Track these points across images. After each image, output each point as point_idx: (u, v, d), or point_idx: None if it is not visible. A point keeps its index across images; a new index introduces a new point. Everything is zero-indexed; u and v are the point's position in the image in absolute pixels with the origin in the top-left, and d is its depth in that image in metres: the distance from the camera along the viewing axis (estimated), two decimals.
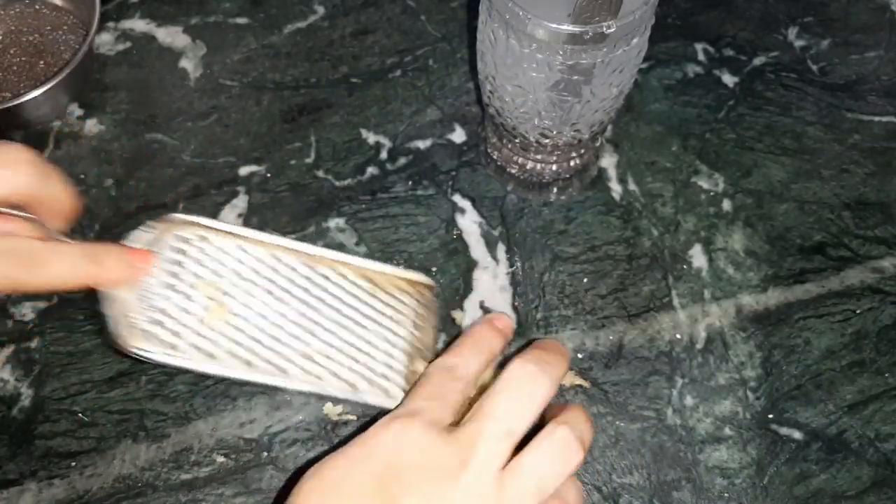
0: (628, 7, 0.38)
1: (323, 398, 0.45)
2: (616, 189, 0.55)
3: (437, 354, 0.39)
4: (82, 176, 0.54)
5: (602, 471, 0.45)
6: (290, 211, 0.53)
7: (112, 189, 0.54)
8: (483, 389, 0.36)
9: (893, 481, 0.45)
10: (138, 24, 0.62)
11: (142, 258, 0.37)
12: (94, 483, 0.44)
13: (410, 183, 0.54)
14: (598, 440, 0.45)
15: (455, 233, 0.53)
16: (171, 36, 0.61)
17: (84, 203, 0.53)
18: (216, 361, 0.37)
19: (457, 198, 0.54)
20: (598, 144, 0.53)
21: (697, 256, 0.52)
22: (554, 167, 0.52)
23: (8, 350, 0.48)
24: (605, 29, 0.37)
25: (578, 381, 0.47)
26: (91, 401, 0.46)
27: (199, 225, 0.41)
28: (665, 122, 0.58)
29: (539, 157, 0.51)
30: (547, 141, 0.47)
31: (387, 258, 0.51)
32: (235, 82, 0.59)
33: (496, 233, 0.52)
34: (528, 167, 0.52)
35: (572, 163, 0.52)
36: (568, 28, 0.37)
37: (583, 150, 0.51)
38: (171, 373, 0.47)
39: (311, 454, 0.45)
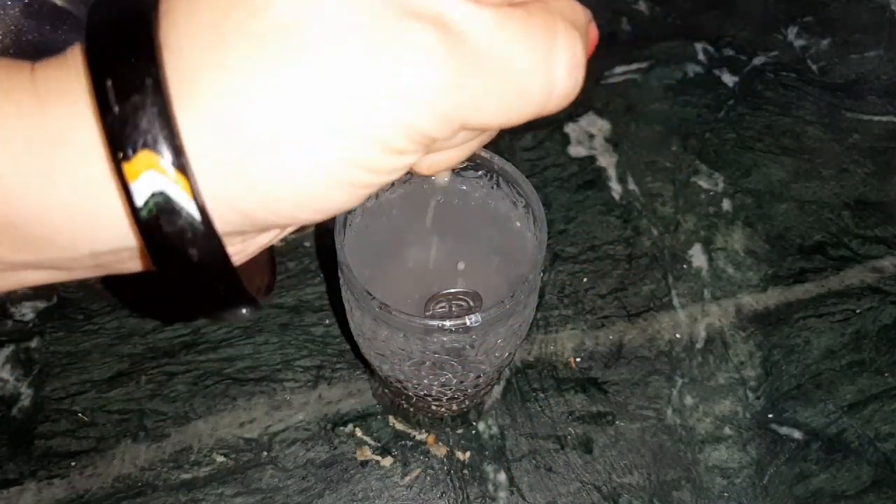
0: (496, 294, 0.33)
1: None
2: (616, 189, 0.55)
3: None
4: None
5: (602, 470, 0.45)
6: None
7: None
8: None
9: (893, 481, 0.45)
10: None
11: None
12: (94, 483, 0.44)
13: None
14: (597, 440, 0.46)
15: None
16: None
17: None
18: None
19: None
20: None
21: (697, 256, 0.52)
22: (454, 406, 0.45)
23: (7, 350, 0.48)
24: (468, 321, 0.31)
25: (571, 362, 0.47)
26: (91, 400, 0.46)
27: None
28: (665, 122, 0.58)
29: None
30: (429, 398, 0.40)
31: None
32: None
33: None
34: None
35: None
36: (422, 322, 0.31)
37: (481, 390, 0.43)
38: (171, 373, 0.47)
39: (311, 454, 0.45)
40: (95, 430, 0.45)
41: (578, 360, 0.48)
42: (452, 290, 0.35)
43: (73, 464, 0.44)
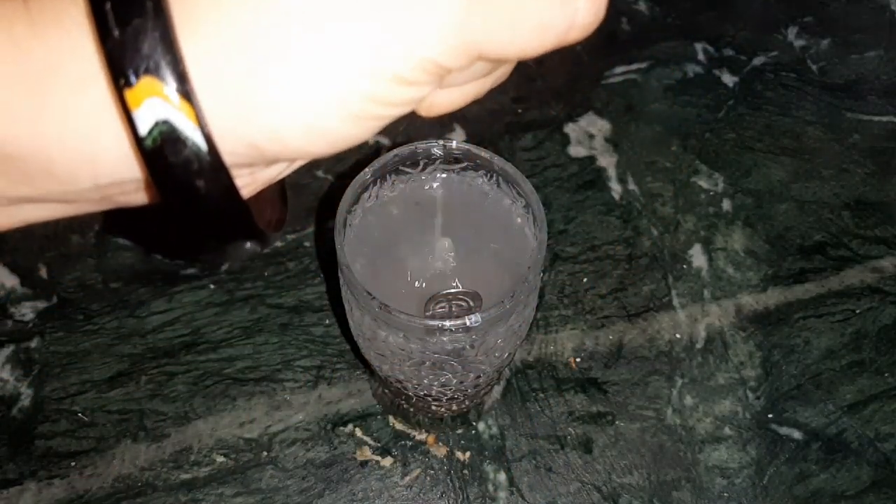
0: (497, 294, 0.33)
1: None
2: (616, 189, 0.55)
3: None
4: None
5: (602, 470, 0.45)
6: (289, 211, 0.53)
7: None
8: None
9: (893, 481, 0.45)
10: None
11: None
12: (94, 483, 0.44)
13: None
14: (597, 440, 0.45)
15: None
16: None
17: None
18: None
19: None
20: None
21: (697, 256, 0.52)
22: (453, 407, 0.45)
23: (7, 350, 0.48)
24: (468, 321, 0.31)
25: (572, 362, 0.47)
26: (91, 401, 0.46)
27: None
28: (665, 122, 0.58)
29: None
30: (429, 398, 0.40)
31: None
32: None
33: None
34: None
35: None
36: (422, 322, 0.31)
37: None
38: (171, 373, 0.47)
39: (311, 454, 0.45)
40: (95, 430, 0.45)
41: (578, 360, 0.48)
42: (452, 290, 0.35)
43: (72, 464, 0.44)
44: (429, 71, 0.18)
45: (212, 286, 0.50)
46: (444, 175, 0.37)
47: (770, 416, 0.46)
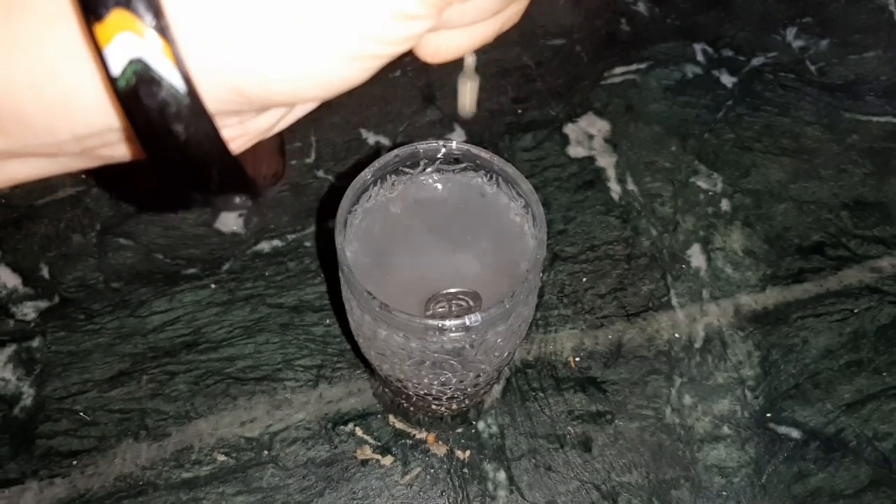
0: (496, 294, 0.33)
1: None
2: (615, 189, 0.55)
3: None
4: (83, 175, 0.55)
5: (601, 469, 0.45)
6: (290, 211, 0.53)
7: None
8: None
9: (891, 480, 0.45)
10: None
11: None
12: (96, 482, 0.44)
13: None
14: (597, 439, 0.46)
15: None
16: None
17: (84, 203, 0.54)
18: None
19: None
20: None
21: (696, 256, 0.52)
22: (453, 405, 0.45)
23: (9, 349, 0.48)
24: (468, 321, 0.31)
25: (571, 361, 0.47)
26: (92, 400, 0.46)
27: None
28: (664, 123, 0.58)
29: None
30: (429, 398, 0.40)
31: None
32: None
33: None
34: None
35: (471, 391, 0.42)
36: (422, 322, 0.31)
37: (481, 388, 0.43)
38: (172, 372, 0.47)
39: (312, 453, 0.45)
40: (97, 429, 0.45)
41: (578, 359, 0.48)
42: (452, 290, 0.35)
43: (74, 463, 0.44)
44: (427, 3, 0.17)
45: (213, 286, 0.50)
46: (444, 175, 0.37)
47: (768, 415, 0.47)
